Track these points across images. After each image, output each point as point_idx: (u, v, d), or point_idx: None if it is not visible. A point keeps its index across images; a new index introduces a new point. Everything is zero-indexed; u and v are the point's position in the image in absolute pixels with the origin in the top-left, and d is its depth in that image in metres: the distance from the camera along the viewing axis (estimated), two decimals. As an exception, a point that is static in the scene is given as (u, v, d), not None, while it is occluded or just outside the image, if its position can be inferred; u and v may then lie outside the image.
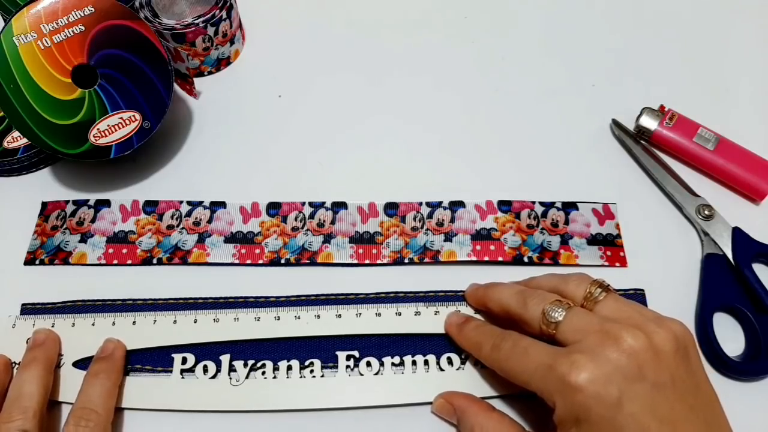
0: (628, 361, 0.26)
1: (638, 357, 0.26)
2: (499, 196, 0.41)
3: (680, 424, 0.26)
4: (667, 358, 0.27)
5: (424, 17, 0.52)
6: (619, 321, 0.28)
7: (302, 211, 0.41)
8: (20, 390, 0.31)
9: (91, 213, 0.41)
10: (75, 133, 0.39)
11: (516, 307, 0.31)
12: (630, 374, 0.26)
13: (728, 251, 0.38)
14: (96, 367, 0.33)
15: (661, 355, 0.27)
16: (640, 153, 0.43)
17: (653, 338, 0.27)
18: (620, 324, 0.28)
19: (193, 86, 0.46)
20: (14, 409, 0.30)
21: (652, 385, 0.26)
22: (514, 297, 0.32)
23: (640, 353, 0.27)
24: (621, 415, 0.26)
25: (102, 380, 0.32)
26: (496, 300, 0.33)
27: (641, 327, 0.28)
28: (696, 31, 0.51)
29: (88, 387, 0.32)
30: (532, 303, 0.31)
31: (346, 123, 0.45)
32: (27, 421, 0.30)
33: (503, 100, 0.47)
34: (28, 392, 0.31)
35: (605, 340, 0.27)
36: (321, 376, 0.34)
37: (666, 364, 0.27)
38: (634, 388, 0.26)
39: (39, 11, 0.37)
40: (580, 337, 0.28)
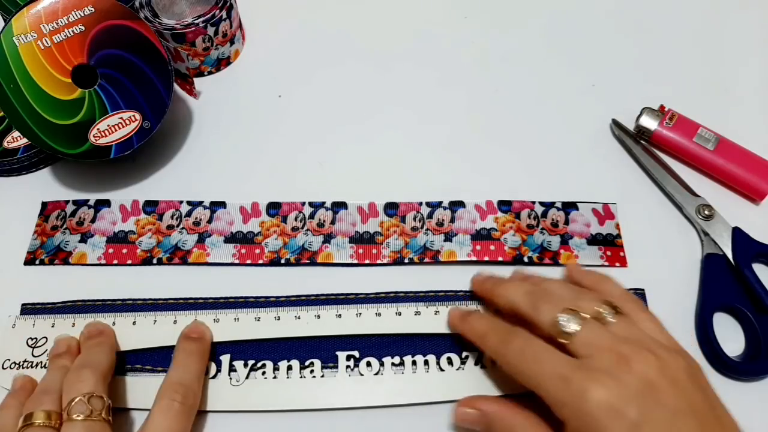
0: (646, 386, 0.26)
1: (655, 382, 0.26)
2: (499, 196, 0.41)
3: None
4: (684, 385, 0.27)
5: (424, 18, 0.52)
6: (631, 342, 0.28)
7: (302, 211, 0.41)
8: (89, 357, 0.32)
9: (91, 213, 0.41)
10: (75, 133, 0.39)
11: (526, 308, 0.31)
12: (650, 398, 0.26)
13: (728, 251, 0.38)
14: (190, 345, 0.33)
15: (678, 382, 0.27)
16: (640, 153, 0.43)
17: (668, 364, 0.27)
18: (634, 346, 0.27)
19: (193, 86, 0.46)
20: (84, 370, 0.30)
21: (672, 411, 0.26)
22: (525, 298, 0.31)
23: (657, 379, 0.26)
24: None
25: (196, 359, 0.33)
26: (504, 296, 0.33)
27: (654, 352, 0.27)
28: (696, 31, 0.51)
29: (185, 363, 0.32)
30: (545, 308, 0.30)
31: (345, 123, 0.45)
32: (98, 384, 0.29)
33: (503, 100, 0.47)
34: (97, 360, 0.31)
35: (620, 360, 0.27)
36: (321, 377, 0.34)
37: (683, 391, 0.27)
38: (655, 413, 0.26)
39: (39, 11, 0.37)
40: (594, 352, 0.28)
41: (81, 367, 0.30)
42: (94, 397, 0.29)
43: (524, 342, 0.30)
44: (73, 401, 0.29)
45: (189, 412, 0.30)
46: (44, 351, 0.35)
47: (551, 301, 0.30)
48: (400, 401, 0.34)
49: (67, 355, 0.33)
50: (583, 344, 0.28)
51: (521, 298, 0.32)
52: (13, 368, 0.34)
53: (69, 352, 0.33)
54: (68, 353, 0.33)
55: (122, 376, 0.34)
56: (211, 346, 0.35)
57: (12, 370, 0.34)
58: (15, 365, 0.34)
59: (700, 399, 0.27)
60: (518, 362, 0.29)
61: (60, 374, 0.31)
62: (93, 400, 0.29)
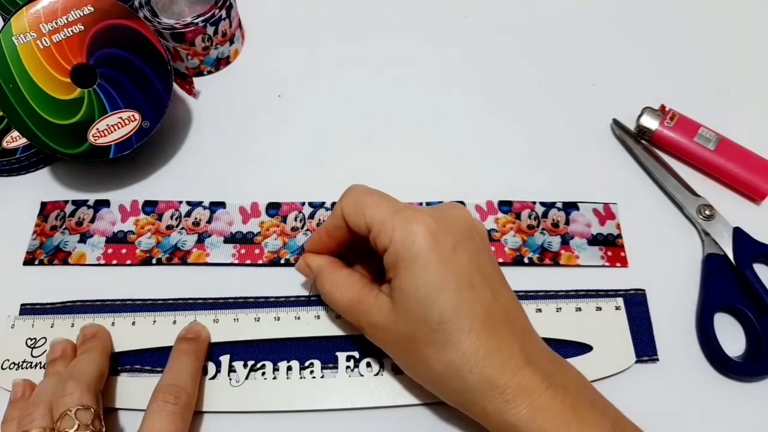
0: (464, 221, 0.31)
1: (470, 222, 0.31)
2: (499, 196, 0.41)
3: (493, 279, 0.30)
4: (483, 232, 0.32)
5: (424, 17, 0.52)
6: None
7: (302, 211, 0.41)
8: (74, 368, 0.31)
9: (90, 213, 0.41)
10: (74, 132, 0.39)
11: None
12: (466, 232, 0.30)
13: (729, 251, 0.38)
14: (185, 346, 0.33)
15: (480, 228, 0.32)
16: (640, 153, 0.43)
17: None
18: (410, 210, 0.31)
19: (192, 86, 0.45)
20: (68, 384, 0.30)
21: (478, 247, 0.31)
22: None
23: (471, 220, 0.31)
24: (454, 260, 0.29)
25: (191, 359, 0.33)
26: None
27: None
28: (696, 31, 0.51)
29: (178, 364, 0.32)
30: None
31: (345, 123, 0.45)
32: (84, 395, 0.29)
33: (503, 100, 0.47)
34: (82, 369, 0.31)
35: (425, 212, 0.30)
36: (321, 377, 0.34)
37: (482, 236, 0.32)
38: (467, 243, 0.30)
39: (38, 11, 0.37)
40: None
41: (68, 378, 0.30)
42: (81, 409, 0.29)
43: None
44: (62, 417, 0.29)
45: (183, 412, 0.30)
46: (43, 351, 0.35)
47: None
48: (400, 402, 0.34)
49: (61, 360, 0.33)
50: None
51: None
52: (13, 369, 0.34)
53: (64, 357, 0.33)
54: (63, 358, 0.33)
55: (122, 377, 0.34)
56: (208, 346, 0.35)
57: (11, 370, 0.34)
58: (14, 366, 0.34)
59: (488, 245, 0.33)
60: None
61: (54, 381, 0.31)
62: (80, 413, 0.29)
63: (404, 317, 0.29)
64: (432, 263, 0.28)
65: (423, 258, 0.29)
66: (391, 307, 0.30)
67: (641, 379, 0.35)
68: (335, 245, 0.34)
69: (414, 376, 0.32)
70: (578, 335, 0.35)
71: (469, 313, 0.28)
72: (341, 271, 0.34)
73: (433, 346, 0.29)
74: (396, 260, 0.29)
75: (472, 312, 0.29)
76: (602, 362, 0.35)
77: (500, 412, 0.28)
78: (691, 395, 0.35)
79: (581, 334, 0.35)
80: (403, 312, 0.29)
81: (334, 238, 0.34)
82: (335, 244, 0.34)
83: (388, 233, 0.29)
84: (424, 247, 0.29)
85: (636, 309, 0.37)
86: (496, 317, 0.29)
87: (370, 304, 0.31)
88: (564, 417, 0.28)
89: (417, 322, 0.29)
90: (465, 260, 0.29)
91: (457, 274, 0.29)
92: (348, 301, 0.32)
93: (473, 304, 0.29)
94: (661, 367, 0.36)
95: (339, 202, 0.32)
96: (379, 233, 0.30)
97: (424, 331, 0.29)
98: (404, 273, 0.29)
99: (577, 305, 0.37)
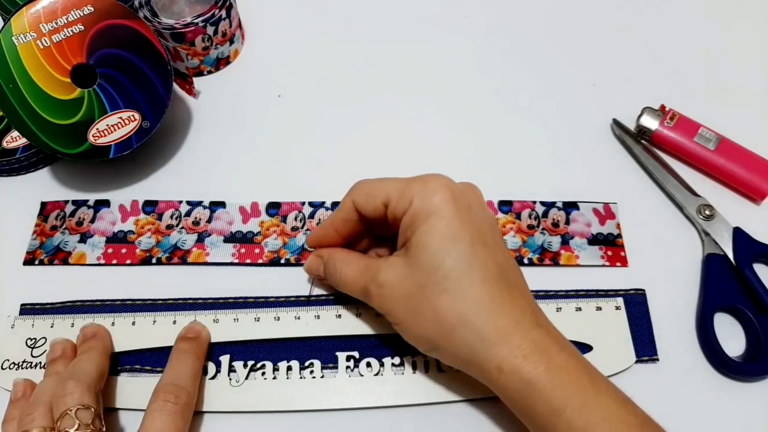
0: (477, 195, 0.32)
1: (482, 197, 0.32)
2: (499, 196, 0.41)
3: (504, 246, 0.31)
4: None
5: (424, 17, 0.52)
6: None
7: (302, 210, 0.41)
8: (74, 367, 0.31)
9: (90, 213, 0.41)
10: (74, 132, 0.39)
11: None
12: (479, 201, 0.32)
13: (729, 251, 0.38)
14: (185, 345, 0.33)
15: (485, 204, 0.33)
16: (640, 153, 0.43)
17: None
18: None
19: (192, 86, 0.45)
20: (68, 383, 0.30)
21: (490, 217, 0.32)
22: None
23: (482, 197, 0.33)
24: (470, 217, 0.30)
25: (191, 358, 0.33)
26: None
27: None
28: (697, 31, 0.51)
29: (178, 364, 0.32)
30: None
31: (345, 122, 0.45)
32: (84, 395, 0.29)
33: (503, 100, 0.47)
34: (82, 369, 0.31)
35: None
36: (321, 377, 0.34)
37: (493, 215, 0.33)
38: (480, 210, 0.31)
39: (38, 11, 0.37)
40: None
41: (68, 378, 0.30)
42: (81, 409, 0.29)
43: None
44: (62, 416, 0.29)
45: (183, 411, 0.30)
46: (43, 351, 0.35)
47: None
48: (400, 402, 0.34)
49: (61, 360, 0.33)
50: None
51: None
52: (13, 369, 0.34)
53: (63, 356, 0.33)
54: (63, 357, 0.33)
55: (122, 377, 0.34)
56: (208, 345, 0.35)
57: (11, 370, 0.34)
58: (14, 366, 0.34)
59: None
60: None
61: (54, 381, 0.31)
62: (80, 412, 0.29)
63: (417, 269, 0.29)
64: (448, 216, 0.29)
65: (440, 211, 0.29)
66: (404, 263, 0.30)
67: (641, 379, 0.35)
68: (340, 239, 0.35)
69: (419, 335, 0.31)
70: (578, 335, 0.35)
71: (482, 266, 0.29)
72: (349, 250, 0.35)
73: (445, 295, 0.29)
74: (413, 219, 0.30)
75: (485, 266, 0.29)
76: (602, 362, 0.35)
77: (517, 368, 0.27)
78: (691, 395, 0.35)
79: (581, 334, 0.35)
80: (416, 265, 0.29)
81: (341, 232, 0.34)
82: (340, 238, 0.34)
83: (408, 197, 0.30)
84: (440, 203, 0.29)
85: (636, 309, 0.37)
86: (509, 277, 0.30)
87: (380, 266, 0.31)
88: (580, 382, 0.27)
89: (430, 271, 0.29)
90: (479, 220, 0.30)
91: (472, 230, 0.29)
92: (358, 269, 0.33)
93: (487, 259, 0.29)
94: (661, 367, 0.36)
95: (347, 195, 0.33)
96: (399, 200, 0.30)
97: (437, 280, 0.29)
98: (421, 228, 0.29)
99: (577, 305, 0.37)
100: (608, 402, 0.27)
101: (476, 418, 0.34)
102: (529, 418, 0.28)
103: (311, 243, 0.36)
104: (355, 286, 0.33)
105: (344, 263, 0.33)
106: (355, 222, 0.33)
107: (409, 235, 0.30)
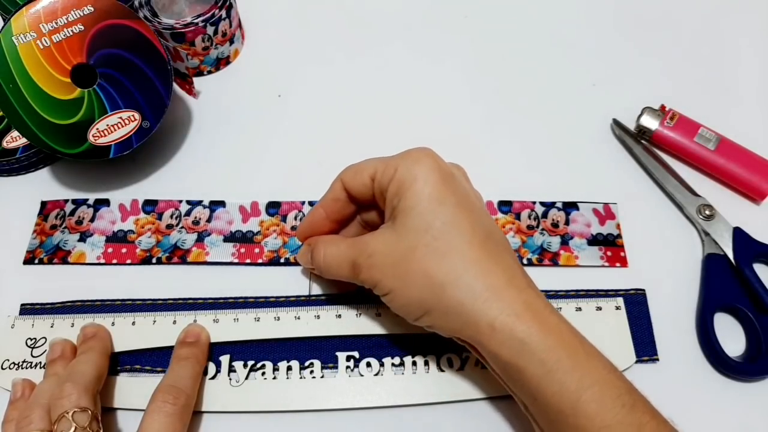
0: (461, 171, 0.33)
1: (465, 172, 0.33)
2: (499, 196, 0.41)
3: (489, 216, 0.32)
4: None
5: (424, 17, 0.52)
6: None
7: (302, 210, 0.41)
8: (72, 369, 0.31)
9: (90, 212, 0.41)
10: (74, 132, 0.39)
11: None
12: (463, 175, 0.33)
13: (729, 251, 0.38)
14: (185, 350, 0.33)
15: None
16: (640, 153, 0.43)
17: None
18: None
19: (192, 86, 0.45)
20: (66, 386, 0.30)
21: (475, 192, 0.33)
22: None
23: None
24: (454, 183, 0.30)
25: (191, 363, 0.33)
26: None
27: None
28: (697, 31, 0.51)
29: (178, 368, 0.32)
30: None
31: (345, 122, 0.45)
32: (81, 397, 0.29)
33: (503, 100, 0.47)
34: (80, 371, 0.31)
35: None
36: (321, 377, 0.34)
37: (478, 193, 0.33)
38: (465, 182, 0.32)
39: (38, 11, 0.37)
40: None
41: (66, 380, 0.30)
42: (78, 411, 0.29)
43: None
44: (59, 419, 0.29)
45: (181, 413, 0.30)
46: (43, 351, 0.35)
47: None
48: (400, 402, 0.34)
49: (60, 360, 0.33)
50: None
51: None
52: (13, 369, 0.34)
53: (63, 357, 0.33)
54: (62, 358, 0.33)
55: (121, 377, 0.34)
56: (209, 347, 0.35)
57: (11, 370, 0.34)
58: (14, 366, 0.34)
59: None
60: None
61: (53, 382, 0.31)
62: (77, 415, 0.29)
63: (406, 233, 0.29)
64: (433, 181, 0.29)
65: (425, 177, 0.30)
66: (392, 230, 0.30)
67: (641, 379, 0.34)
68: (329, 223, 0.35)
69: (409, 300, 0.30)
70: (578, 335, 0.35)
71: (469, 228, 0.29)
72: (336, 236, 0.35)
73: (436, 255, 0.29)
74: (399, 186, 0.30)
75: (472, 228, 0.29)
76: (602, 362, 0.35)
77: (510, 327, 0.27)
78: (691, 395, 0.35)
79: (581, 334, 0.35)
80: (404, 230, 0.30)
81: (330, 213, 0.34)
82: (329, 221, 0.34)
83: (393, 165, 0.30)
84: (425, 169, 0.30)
85: (636, 309, 0.37)
86: (496, 241, 0.30)
87: (367, 238, 0.31)
88: (572, 344, 0.27)
89: (419, 233, 0.29)
90: (463, 188, 0.31)
91: (456, 194, 0.30)
92: (344, 246, 0.32)
93: (473, 223, 0.29)
94: (661, 367, 0.36)
95: (337, 177, 0.34)
96: (384, 171, 0.31)
97: (426, 241, 0.29)
98: (407, 193, 0.30)
99: (577, 305, 0.37)
100: (599, 366, 0.27)
101: (476, 418, 0.34)
102: (519, 382, 0.28)
103: (300, 234, 0.36)
104: (344, 263, 0.32)
105: (329, 244, 0.33)
106: (343, 202, 0.33)
107: (396, 202, 0.30)
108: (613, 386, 0.27)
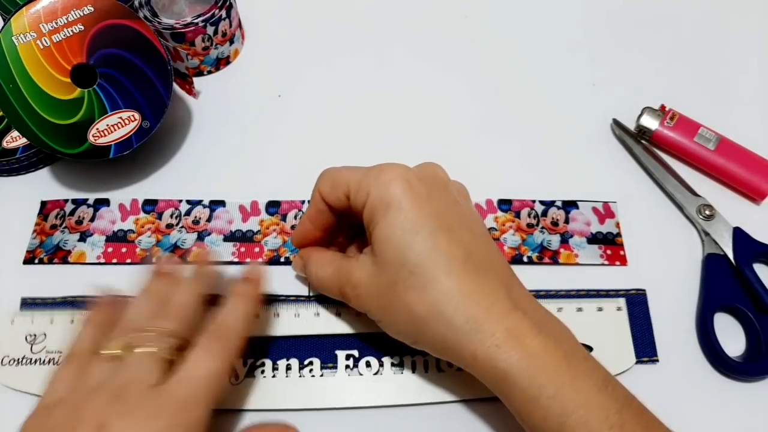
0: (437, 174, 0.32)
1: (444, 176, 0.32)
2: (499, 194, 0.41)
3: (473, 226, 0.31)
4: (462, 188, 0.33)
5: (424, 17, 0.52)
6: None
7: (302, 209, 0.41)
8: (168, 296, 0.31)
9: (90, 212, 0.41)
10: (74, 132, 0.39)
11: None
12: (441, 184, 0.31)
13: (729, 251, 0.38)
14: (242, 287, 0.33)
15: (457, 184, 0.33)
16: (640, 153, 0.43)
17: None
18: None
19: (192, 86, 0.46)
20: (164, 313, 0.30)
21: (454, 197, 0.31)
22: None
23: (445, 174, 0.32)
24: (429, 205, 0.29)
25: (247, 302, 0.32)
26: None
27: None
28: (697, 31, 0.51)
29: (231, 306, 0.31)
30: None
31: (345, 122, 0.45)
32: (180, 323, 0.29)
33: (503, 100, 0.47)
34: (180, 300, 0.31)
35: None
36: (320, 376, 0.34)
37: (459, 189, 0.33)
38: (442, 193, 0.31)
39: (38, 11, 0.37)
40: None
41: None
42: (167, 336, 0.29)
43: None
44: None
45: (230, 354, 0.30)
46: (43, 348, 0.35)
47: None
48: (400, 401, 0.34)
49: None
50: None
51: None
52: (12, 364, 0.34)
53: None
54: None
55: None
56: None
57: (11, 366, 0.34)
58: (14, 361, 0.34)
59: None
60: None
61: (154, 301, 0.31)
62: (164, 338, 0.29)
63: (384, 266, 0.29)
64: (406, 208, 0.29)
65: (397, 203, 0.29)
66: (372, 261, 0.30)
67: (641, 379, 0.35)
68: (320, 234, 0.34)
69: (398, 331, 0.31)
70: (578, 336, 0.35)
71: (446, 254, 0.28)
72: (325, 251, 0.35)
73: (413, 290, 0.28)
74: (373, 212, 0.29)
75: (449, 253, 0.28)
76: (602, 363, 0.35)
77: (491, 358, 0.27)
78: (691, 395, 0.35)
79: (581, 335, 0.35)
80: (382, 261, 0.29)
81: (318, 225, 0.34)
82: (320, 232, 0.34)
83: (365, 189, 0.30)
84: (397, 193, 0.29)
85: (636, 309, 0.37)
86: (478, 261, 0.29)
87: (351, 266, 0.31)
88: (557, 367, 0.27)
89: (395, 267, 0.29)
90: (440, 206, 0.30)
91: (431, 218, 0.29)
92: (332, 271, 0.32)
93: (451, 246, 0.29)
94: (661, 367, 0.35)
95: (315, 186, 0.33)
96: (357, 192, 0.30)
97: (403, 276, 0.28)
98: (381, 222, 0.29)
99: (578, 305, 0.36)
100: (586, 387, 0.27)
101: (476, 418, 0.34)
102: (509, 403, 0.28)
103: (294, 243, 0.36)
104: (333, 288, 0.33)
105: (319, 267, 0.33)
106: (326, 213, 0.33)
107: (372, 229, 0.30)
108: (600, 408, 0.26)
